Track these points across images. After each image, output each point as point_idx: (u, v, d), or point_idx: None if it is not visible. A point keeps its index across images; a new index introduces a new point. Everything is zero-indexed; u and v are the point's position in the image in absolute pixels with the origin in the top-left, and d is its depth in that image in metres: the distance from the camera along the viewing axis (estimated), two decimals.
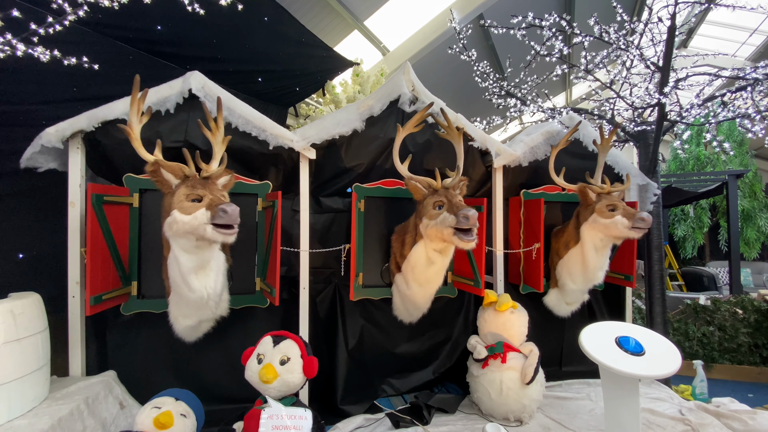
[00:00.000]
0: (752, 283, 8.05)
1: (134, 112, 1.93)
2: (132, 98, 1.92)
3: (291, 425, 1.73)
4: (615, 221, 2.58)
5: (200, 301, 2.03)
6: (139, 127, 1.96)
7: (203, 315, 2.21)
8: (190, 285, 1.97)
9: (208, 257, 1.99)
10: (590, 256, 2.77)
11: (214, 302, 2.11)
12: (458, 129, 2.54)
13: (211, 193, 1.89)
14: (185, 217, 1.82)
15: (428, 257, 2.40)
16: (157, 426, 1.74)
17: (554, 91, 11.42)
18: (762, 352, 4.13)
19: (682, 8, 3.28)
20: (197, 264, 1.96)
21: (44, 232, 2.50)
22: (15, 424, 1.67)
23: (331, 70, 5.15)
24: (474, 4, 6.45)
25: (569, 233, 2.91)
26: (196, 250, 1.92)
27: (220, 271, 2.11)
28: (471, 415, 2.69)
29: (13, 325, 1.72)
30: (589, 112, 3.99)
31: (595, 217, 2.68)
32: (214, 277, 2.05)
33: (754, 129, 3.36)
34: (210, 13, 2.59)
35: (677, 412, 2.67)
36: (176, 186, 1.93)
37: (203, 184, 1.93)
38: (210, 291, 2.03)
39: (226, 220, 1.76)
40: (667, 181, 6.70)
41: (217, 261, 2.09)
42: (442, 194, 2.31)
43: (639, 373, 1.90)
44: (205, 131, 2.13)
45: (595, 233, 2.72)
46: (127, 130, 1.93)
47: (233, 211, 1.77)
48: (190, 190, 1.88)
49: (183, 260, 1.92)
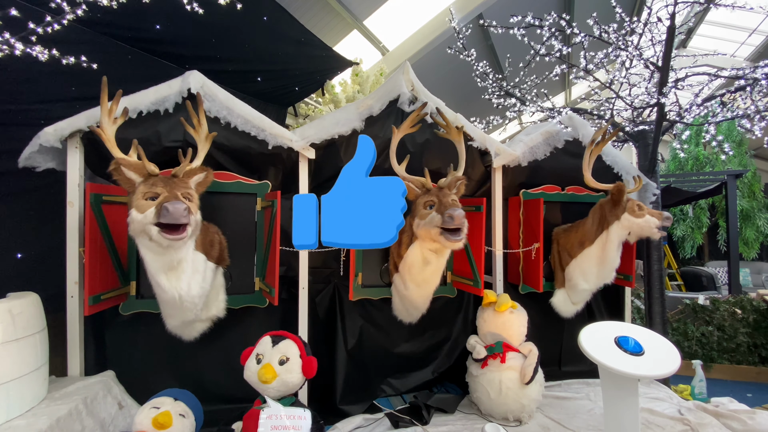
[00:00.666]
0: (751, 283, 8.06)
1: (104, 113, 1.88)
2: (101, 100, 1.87)
3: (290, 425, 1.73)
4: (647, 220, 2.68)
5: (173, 301, 1.97)
6: (112, 128, 1.91)
7: (184, 316, 2.14)
8: (160, 285, 1.92)
9: (176, 258, 1.90)
10: (611, 255, 2.81)
11: (191, 304, 2.03)
12: (458, 128, 2.53)
13: (170, 191, 1.80)
14: (138, 216, 1.76)
15: (424, 257, 2.40)
16: (155, 426, 1.74)
17: (553, 91, 11.43)
18: (761, 352, 4.14)
19: (682, 8, 3.28)
20: (164, 264, 1.89)
21: (43, 231, 2.49)
22: (13, 424, 1.66)
23: (331, 70, 5.15)
24: (473, 4, 6.45)
25: (585, 232, 2.91)
26: (162, 249, 1.83)
27: (197, 272, 2.04)
28: (470, 415, 2.69)
29: (12, 325, 1.72)
30: (588, 112, 3.99)
31: (627, 216, 2.72)
32: (187, 278, 1.97)
33: (753, 129, 3.36)
34: (209, 13, 2.58)
35: (676, 411, 2.68)
36: (137, 184, 1.86)
37: (167, 182, 1.85)
38: (182, 293, 1.95)
39: (168, 218, 1.66)
40: (666, 181, 6.70)
41: (192, 262, 2.00)
42: (434, 194, 2.32)
43: (638, 373, 1.90)
44: (188, 129, 2.12)
45: (624, 232, 2.76)
46: (98, 132, 1.88)
47: (175, 209, 1.66)
48: (147, 188, 1.81)
49: (148, 259, 1.87)
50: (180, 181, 1.92)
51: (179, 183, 1.90)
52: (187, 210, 1.71)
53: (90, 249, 2.07)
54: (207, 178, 2.09)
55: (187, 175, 1.99)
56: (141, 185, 1.84)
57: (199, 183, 2.06)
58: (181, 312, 2.09)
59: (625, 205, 2.74)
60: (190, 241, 1.97)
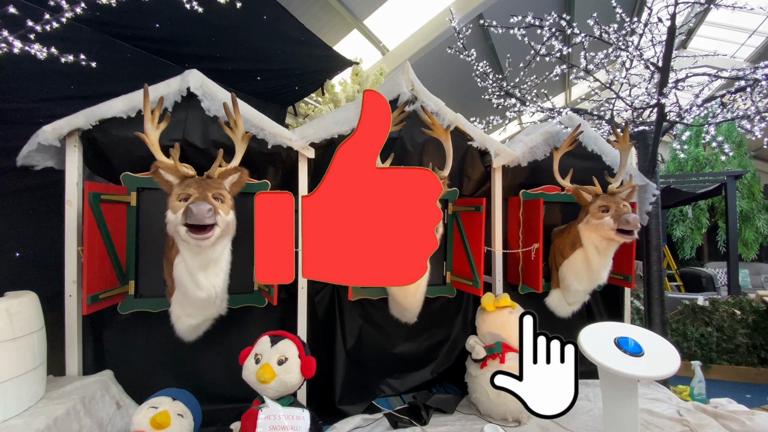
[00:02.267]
0: (750, 284, 8.06)
1: (148, 119, 1.94)
2: (144, 107, 1.93)
3: (288, 425, 1.72)
4: (603, 222, 2.61)
5: (208, 299, 2.04)
6: (156, 133, 1.97)
7: (209, 313, 2.23)
8: (199, 283, 1.98)
9: (215, 255, 2.00)
10: (592, 257, 2.78)
11: (221, 299, 2.14)
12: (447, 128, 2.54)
13: (200, 192, 1.87)
14: (172, 216, 1.85)
15: None
16: (153, 426, 1.74)
17: (554, 92, 11.42)
18: (760, 353, 4.14)
19: (682, 9, 3.28)
20: (202, 262, 1.97)
21: (41, 230, 2.48)
22: (11, 424, 1.66)
23: (331, 70, 5.14)
24: (473, 4, 6.44)
25: (574, 234, 2.91)
26: (197, 249, 1.91)
27: (227, 269, 2.13)
28: (469, 415, 2.69)
29: (9, 324, 1.72)
30: (588, 112, 3.99)
31: (588, 217, 2.71)
32: (222, 276, 2.08)
33: (753, 130, 3.36)
34: (208, 12, 2.58)
35: (675, 412, 2.67)
36: (174, 186, 1.94)
37: (200, 183, 1.92)
38: (218, 289, 2.05)
39: (192, 219, 1.73)
40: (666, 181, 6.70)
41: (226, 260, 2.11)
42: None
43: (638, 374, 1.90)
44: (226, 130, 2.14)
45: (591, 234, 2.73)
46: (143, 138, 1.94)
47: (199, 211, 1.72)
48: (181, 189, 1.89)
49: (187, 258, 1.94)
50: (214, 182, 1.97)
51: (212, 184, 1.95)
52: (212, 210, 1.77)
53: (88, 248, 2.07)
54: (241, 178, 2.14)
55: (222, 176, 2.04)
56: (176, 187, 1.91)
57: (233, 183, 2.11)
58: (209, 309, 2.17)
59: (589, 206, 2.72)
60: (226, 240, 2.05)
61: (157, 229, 2.37)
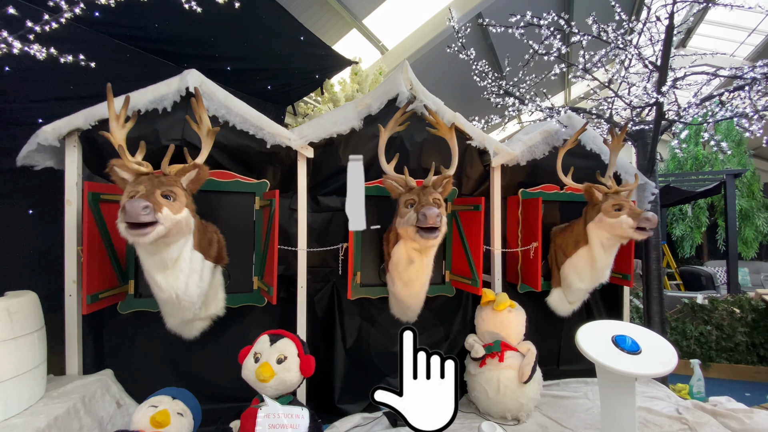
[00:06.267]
0: (750, 283, 8.07)
1: (113, 118, 1.87)
2: (108, 105, 1.86)
3: (288, 424, 1.73)
4: (620, 221, 2.59)
5: (170, 300, 1.97)
6: (121, 132, 1.90)
7: (182, 316, 2.13)
8: (157, 284, 1.92)
9: (170, 257, 1.89)
10: (598, 255, 2.78)
11: (189, 303, 2.03)
12: (450, 126, 2.54)
13: (147, 189, 1.79)
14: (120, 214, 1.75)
15: (408, 256, 2.41)
16: (153, 425, 1.74)
17: (553, 91, 11.43)
18: (759, 351, 4.14)
19: (680, 7, 3.28)
20: (158, 263, 1.89)
21: (41, 230, 2.49)
22: (11, 423, 1.66)
23: (330, 69, 5.14)
24: (473, 3, 6.44)
25: (578, 232, 2.91)
26: (151, 248, 1.83)
27: (194, 271, 2.02)
28: (468, 413, 2.70)
29: (9, 324, 1.72)
30: (587, 111, 4.00)
31: (601, 216, 2.69)
32: (184, 278, 1.96)
33: (751, 128, 3.36)
34: (207, 11, 2.58)
35: (674, 410, 2.68)
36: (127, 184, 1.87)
37: (151, 180, 1.83)
38: (179, 292, 1.95)
39: (127, 217, 1.64)
40: (666, 180, 6.71)
41: (188, 261, 1.98)
42: (415, 192, 2.33)
43: (635, 372, 1.91)
44: (192, 125, 2.10)
45: (602, 232, 2.73)
46: (107, 137, 1.88)
47: (132, 208, 1.62)
48: (132, 187, 1.81)
49: (142, 258, 1.89)
50: (167, 179, 1.88)
51: (165, 181, 1.86)
52: (150, 208, 1.66)
53: (88, 248, 2.07)
54: (200, 175, 2.03)
55: (178, 173, 1.97)
56: (128, 185, 1.84)
57: (191, 180, 2.01)
58: (180, 311, 2.08)
59: (600, 205, 2.72)
60: (185, 240, 1.95)
61: None
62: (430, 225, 2.10)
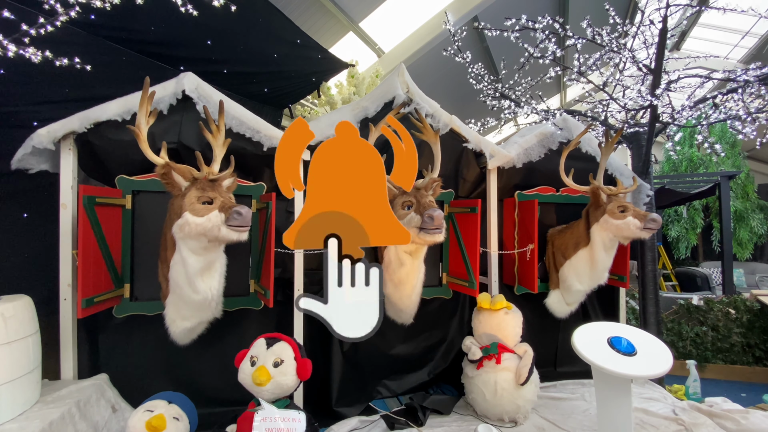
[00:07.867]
0: (745, 284, 8.11)
1: (143, 113, 1.94)
2: (141, 99, 1.92)
3: (284, 428, 1.72)
4: (627, 222, 2.64)
5: (204, 302, 2.06)
6: (147, 128, 1.96)
7: (204, 316, 2.24)
8: (196, 287, 2.00)
9: (214, 258, 2.05)
10: (600, 257, 2.81)
11: (216, 303, 2.16)
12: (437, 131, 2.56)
13: (220, 196, 1.94)
14: (198, 219, 1.86)
15: (399, 258, 2.45)
16: (149, 429, 1.73)
17: (548, 93, 11.49)
18: (754, 352, 4.17)
19: (674, 11, 3.31)
20: (204, 265, 2.00)
21: (35, 234, 2.47)
22: (5, 428, 1.65)
23: (326, 72, 5.15)
24: (468, 6, 6.47)
25: (579, 234, 2.93)
26: (203, 251, 1.96)
27: (223, 272, 2.16)
28: (466, 416, 2.69)
29: (4, 328, 1.71)
30: (582, 113, 4.02)
31: (606, 218, 2.72)
32: (218, 278, 2.11)
33: (744, 130, 3.39)
34: (204, 14, 2.58)
35: (670, 411, 2.69)
36: (186, 188, 1.96)
37: (212, 186, 1.97)
38: (214, 292, 2.08)
39: (240, 222, 1.85)
40: (661, 182, 6.75)
41: (222, 263, 2.14)
42: (412, 194, 2.35)
43: (630, 373, 1.92)
44: (206, 134, 2.13)
45: (606, 234, 2.76)
46: (135, 131, 1.93)
47: (247, 213, 1.86)
48: (200, 193, 1.92)
49: (191, 262, 1.95)
50: (218, 185, 2.02)
51: (220, 187, 2.01)
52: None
53: (83, 251, 2.06)
54: (234, 183, 2.22)
55: (220, 179, 2.07)
56: (192, 190, 1.93)
57: (228, 187, 2.14)
58: (205, 311, 2.19)
59: (605, 206, 2.75)
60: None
61: (153, 231, 2.37)
62: (436, 227, 2.16)
